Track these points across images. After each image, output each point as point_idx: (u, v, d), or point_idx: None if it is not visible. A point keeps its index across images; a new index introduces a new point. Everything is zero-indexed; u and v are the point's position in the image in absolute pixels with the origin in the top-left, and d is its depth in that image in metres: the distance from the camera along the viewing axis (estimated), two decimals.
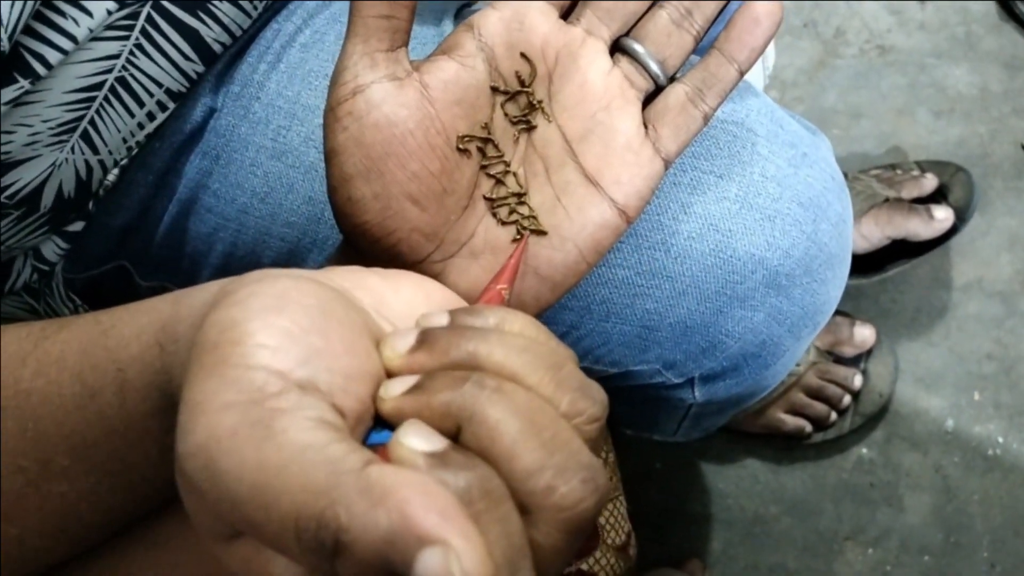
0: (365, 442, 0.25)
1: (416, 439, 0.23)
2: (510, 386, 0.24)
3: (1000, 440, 0.95)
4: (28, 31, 0.40)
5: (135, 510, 0.34)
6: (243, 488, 0.21)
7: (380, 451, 0.23)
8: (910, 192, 0.97)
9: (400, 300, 0.28)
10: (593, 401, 0.25)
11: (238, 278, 0.27)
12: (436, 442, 0.23)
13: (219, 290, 0.27)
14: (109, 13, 0.43)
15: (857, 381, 0.94)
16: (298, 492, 0.21)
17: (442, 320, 0.27)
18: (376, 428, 0.25)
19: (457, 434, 0.24)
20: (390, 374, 0.26)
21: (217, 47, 0.49)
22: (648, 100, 0.39)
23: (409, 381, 0.25)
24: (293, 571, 0.23)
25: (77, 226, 0.51)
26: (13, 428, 0.32)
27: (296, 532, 0.21)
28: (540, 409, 0.24)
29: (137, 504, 0.33)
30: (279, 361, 0.23)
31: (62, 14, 0.41)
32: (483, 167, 0.38)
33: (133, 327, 0.31)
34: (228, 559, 0.24)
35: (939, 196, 0.97)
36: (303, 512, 0.21)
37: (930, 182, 0.97)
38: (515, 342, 0.25)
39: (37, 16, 0.40)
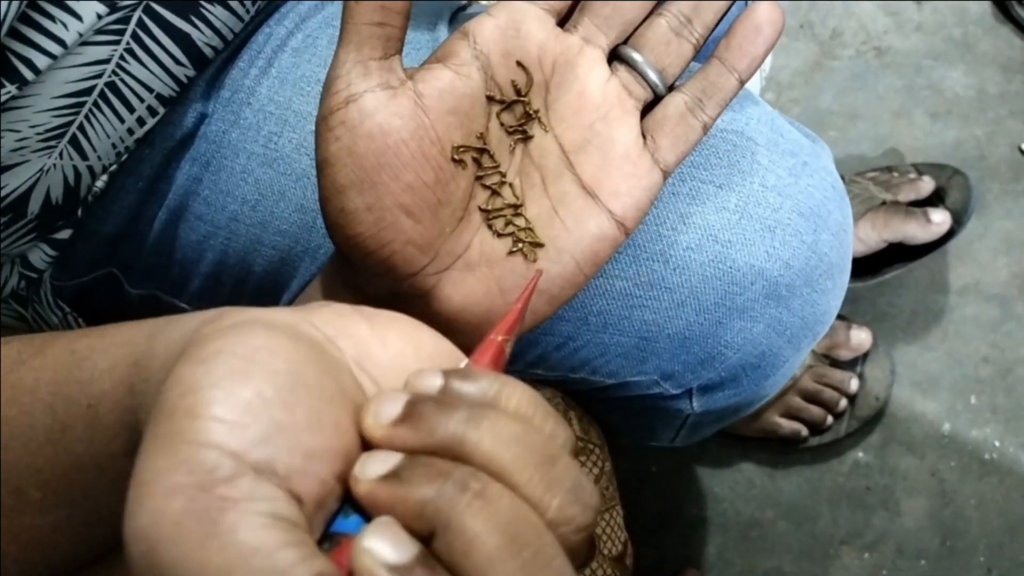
0: (329, 528, 0.23)
1: (383, 545, 0.21)
2: (495, 490, 0.22)
3: (997, 444, 0.94)
4: (15, 34, 0.40)
5: (111, 542, 0.33)
6: None
7: (345, 542, 0.22)
8: (907, 195, 0.96)
9: (387, 352, 0.26)
10: (584, 507, 0.23)
11: (216, 318, 0.25)
12: (404, 551, 0.21)
13: (195, 330, 0.25)
14: (99, 17, 0.42)
15: (853, 385, 0.94)
16: None
17: (435, 382, 0.25)
18: (344, 509, 0.23)
19: (430, 536, 0.22)
20: (368, 445, 0.24)
21: (208, 51, 0.48)
22: (647, 109, 0.38)
23: (388, 462, 0.23)
24: None
25: (64, 234, 0.50)
26: None
27: None
28: (524, 520, 0.22)
29: (113, 536, 0.32)
30: (235, 440, 0.21)
31: (50, 17, 0.40)
32: (478, 178, 0.37)
33: (106, 360, 0.30)
34: None
35: (936, 199, 0.97)
36: None
37: (927, 185, 0.97)
38: (508, 430, 0.23)
39: (24, 19, 0.40)
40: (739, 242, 0.46)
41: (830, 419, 0.94)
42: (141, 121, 0.48)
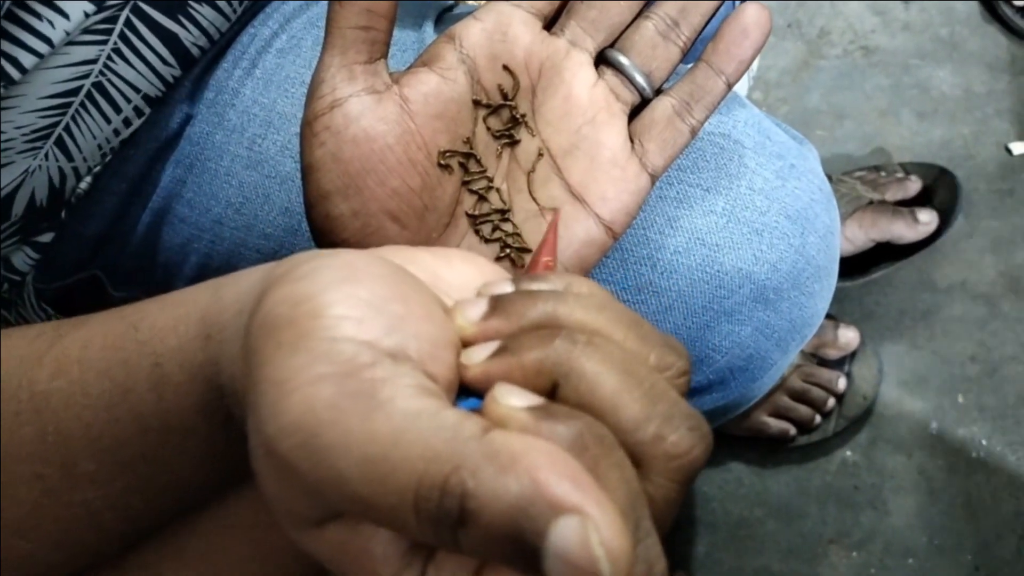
0: None
1: (514, 397, 0.22)
2: (601, 340, 0.23)
3: (984, 442, 0.95)
4: None
5: (160, 517, 0.32)
6: (351, 462, 0.20)
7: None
8: (894, 194, 0.96)
9: (454, 274, 0.27)
10: (679, 355, 0.25)
11: (285, 260, 0.25)
12: (534, 399, 0.22)
13: (266, 274, 0.26)
14: (86, 15, 0.41)
15: (841, 384, 0.94)
16: (417, 460, 0.20)
17: (506, 288, 0.26)
18: (460, 397, 0.24)
19: (551, 394, 0.23)
20: (464, 344, 0.25)
21: (195, 51, 0.48)
22: (634, 113, 0.38)
23: (491, 346, 0.24)
24: (395, 548, 0.22)
25: (47, 236, 0.49)
26: (31, 433, 0.29)
27: (416, 502, 0.20)
28: (635, 361, 0.23)
29: (163, 510, 0.31)
30: (365, 331, 0.22)
31: (36, 15, 0.40)
32: (465, 183, 0.37)
33: (167, 319, 0.29)
34: (317, 546, 0.23)
35: (923, 198, 0.97)
36: (424, 481, 0.20)
37: (914, 184, 0.97)
38: (591, 301, 0.25)
39: (10, 16, 0.39)
40: (726, 245, 0.46)
41: (818, 418, 0.94)
42: (127, 122, 0.47)
